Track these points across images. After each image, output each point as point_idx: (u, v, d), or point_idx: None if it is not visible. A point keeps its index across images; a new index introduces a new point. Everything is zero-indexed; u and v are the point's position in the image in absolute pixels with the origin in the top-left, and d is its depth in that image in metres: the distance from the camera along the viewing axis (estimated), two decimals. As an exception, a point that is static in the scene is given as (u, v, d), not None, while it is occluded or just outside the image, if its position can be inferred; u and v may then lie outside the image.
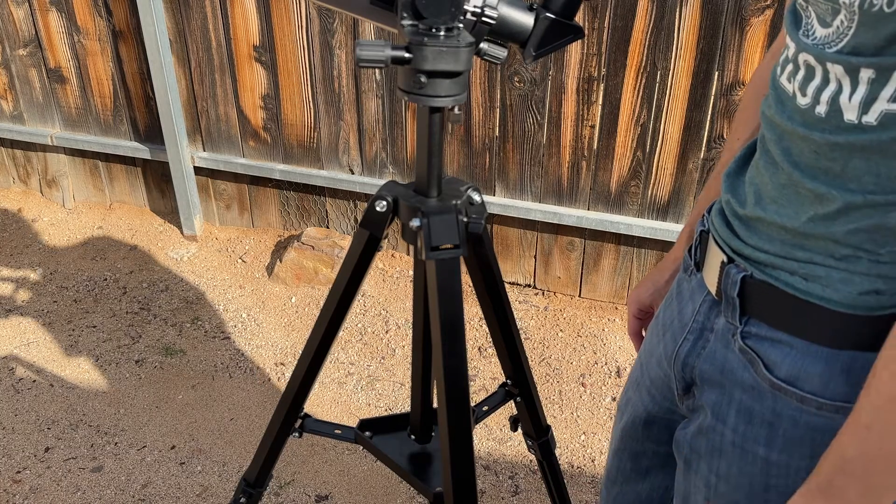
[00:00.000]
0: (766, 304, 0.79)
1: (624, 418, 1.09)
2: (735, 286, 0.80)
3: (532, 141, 2.46)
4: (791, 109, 0.75)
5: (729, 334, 0.83)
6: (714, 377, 0.85)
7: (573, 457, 2.07)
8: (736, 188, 0.87)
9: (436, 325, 1.06)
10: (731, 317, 0.82)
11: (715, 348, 0.85)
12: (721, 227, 0.85)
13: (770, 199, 0.79)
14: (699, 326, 0.88)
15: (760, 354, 0.79)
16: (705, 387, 0.87)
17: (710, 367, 0.86)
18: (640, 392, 1.04)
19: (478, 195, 1.14)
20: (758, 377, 0.80)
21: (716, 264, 0.85)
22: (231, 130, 2.80)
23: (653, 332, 1.02)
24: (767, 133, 0.79)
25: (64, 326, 2.52)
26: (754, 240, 0.80)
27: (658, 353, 0.98)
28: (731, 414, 0.83)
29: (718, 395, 0.85)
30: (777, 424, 0.79)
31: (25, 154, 3.16)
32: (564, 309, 2.62)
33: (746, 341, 0.81)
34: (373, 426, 1.36)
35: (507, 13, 1.00)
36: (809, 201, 0.74)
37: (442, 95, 0.98)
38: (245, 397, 2.26)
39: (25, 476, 1.98)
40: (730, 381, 0.83)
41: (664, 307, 1.01)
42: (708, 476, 0.87)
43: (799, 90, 0.74)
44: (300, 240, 2.78)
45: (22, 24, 2.86)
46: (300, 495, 1.95)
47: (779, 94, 0.78)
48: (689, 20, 2.16)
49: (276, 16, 2.54)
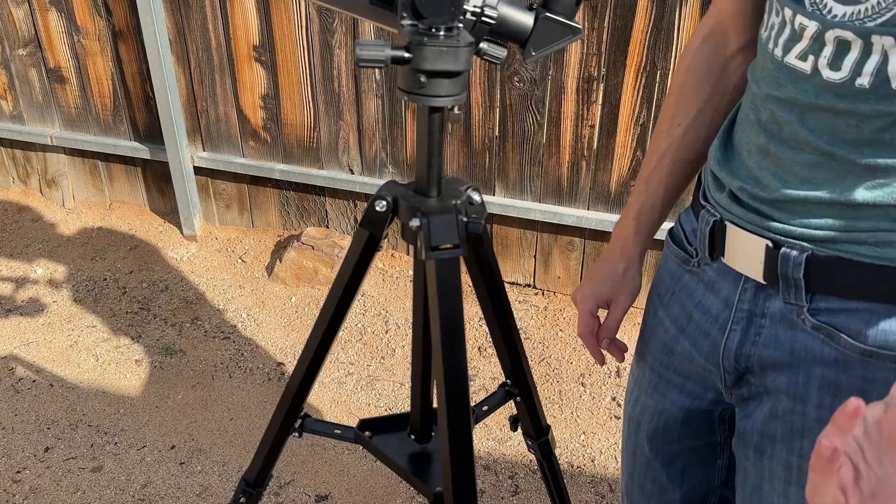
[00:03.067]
0: (834, 277, 0.78)
1: (644, 427, 1.05)
2: (800, 267, 0.80)
3: (532, 141, 2.46)
4: (816, 86, 0.76)
5: (793, 315, 0.82)
6: (781, 360, 0.84)
7: (573, 457, 2.07)
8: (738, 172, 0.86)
9: (436, 325, 1.06)
10: (795, 298, 0.81)
11: (775, 332, 0.84)
12: (746, 214, 0.84)
13: (801, 180, 0.79)
14: (745, 315, 0.87)
15: (839, 327, 0.79)
16: (769, 371, 0.86)
17: (774, 351, 0.85)
18: (665, 393, 1.01)
19: (477, 195, 1.14)
20: (843, 349, 0.79)
21: (755, 251, 0.83)
22: (231, 130, 2.80)
23: (660, 333, 1.00)
24: (782, 115, 0.79)
25: (64, 326, 2.52)
26: (801, 220, 0.80)
27: (682, 351, 0.96)
28: (813, 392, 0.82)
29: (791, 377, 0.84)
30: (870, 391, 0.79)
31: (25, 154, 3.16)
32: (564, 309, 2.62)
33: (818, 318, 0.80)
34: (372, 426, 1.36)
35: (506, 13, 1.00)
36: (858, 174, 0.75)
37: (442, 95, 0.98)
38: (245, 397, 2.26)
39: (25, 476, 1.98)
40: (805, 361, 0.82)
41: (663, 306, 0.99)
42: (788, 459, 0.86)
43: (828, 66, 0.75)
44: (300, 240, 2.78)
45: (22, 23, 2.86)
46: (300, 495, 1.95)
47: (789, 74, 0.78)
48: (689, 20, 2.16)
49: (275, 16, 2.54)
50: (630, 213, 1.06)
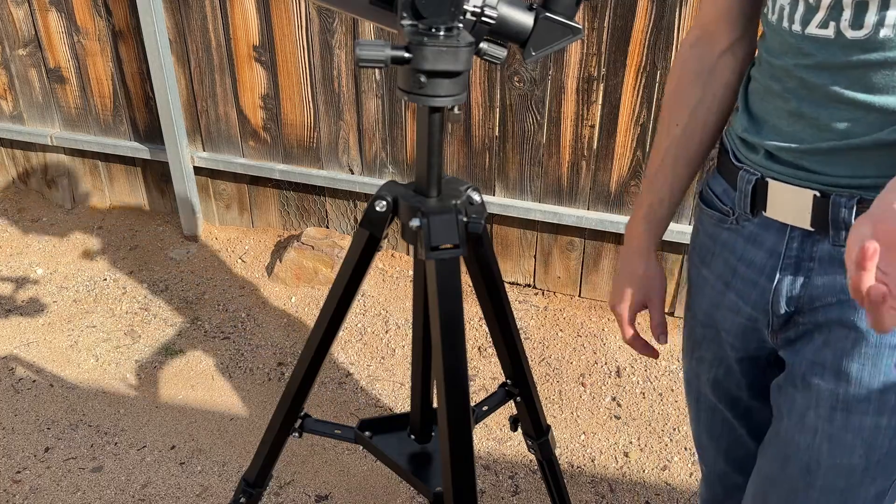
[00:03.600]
0: None
1: (705, 376, 1.13)
2: (852, 211, 0.86)
3: (532, 141, 2.46)
4: (843, 47, 0.83)
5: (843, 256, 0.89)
6: (832, 298, 0.91)
7: (573, 457, 2.07)
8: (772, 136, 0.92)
9: (436, 325, 1.06)
10: (844, 239, 0.88)
11: (824, 272, 0.91)
12: (787, 170, 0.91)
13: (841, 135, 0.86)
14: (793, 261, 0.94)
15: None
16: (820, 309, 0.92)
17: (824, 291, 0.92)
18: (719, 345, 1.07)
19: (477, 195, 1.14)
20: None
21: (802, 202, 0.90)
22: (231, 130, 2.80)
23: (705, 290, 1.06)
24: (814, 79, 0.86)
25: (64, 326, 2.52)
26: (844, 170, 0.87)
27: (729, 304, 1.02)
28: (862, 319, 0.89)
29: (841, 310, 0.90)
30: None
31: (25, 154, 3.16)
32: (564, 309, 2.62)
33: None
34: (373, 426, 1.36)
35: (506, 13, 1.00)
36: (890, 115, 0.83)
37: (442, 95, 0.98)
38: (245, 397, 2.26)
39: (25, 476, 1.99)
40: None
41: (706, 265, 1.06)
42: (836, 384, 0.91)
43: (850, 27, 0.82)
44: (300, 240, 2.78)
45: (22, 24, 2.86)
46: (300, 495, 1.95)
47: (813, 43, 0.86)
48: (689, 20, 2.16)
49: (275, 16, 2.54)
50: (639, 214, 1.12)
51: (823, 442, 0.94)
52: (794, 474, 0.97)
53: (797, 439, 0.96)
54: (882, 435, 0.91)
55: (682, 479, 2.01)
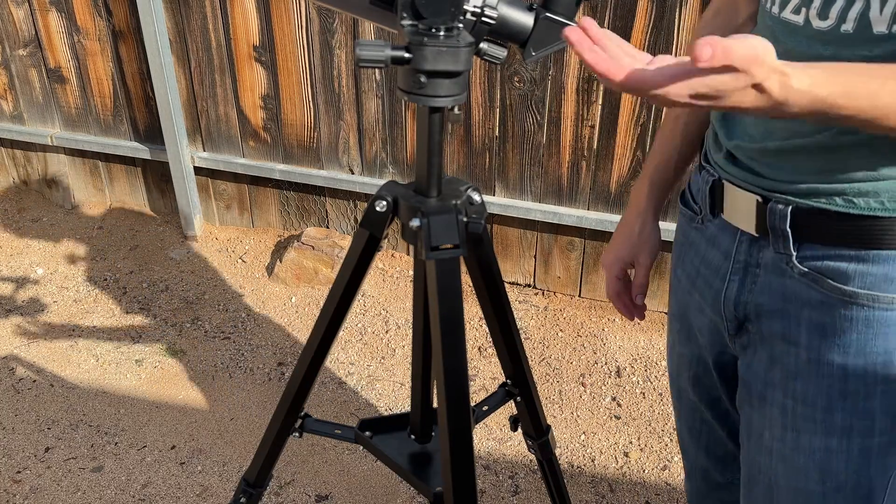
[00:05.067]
0: (818, 227, 0.84)
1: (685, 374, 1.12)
2: (785, 219, 0.85)
3: (532, 141, 2.46)
4: (807, 37, 0.80)
5: (783, 263, 0.88)
6: (775, 306, 0.90)
7: (573, 457, 2.07)
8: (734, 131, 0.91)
9: (436, 325, 1.06)
10: (784, 247, 0.87)
11: (768, 280, 0.90)
12: (739, 172, 0.90)
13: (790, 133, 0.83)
14: (741, 266, 0.93)
15: (824, 272, 0.85)
16: (763, 319, 0.92)
17: (769, 298, 0.90)
18: (696, 342, 1.07)
19: (478, 195, 1.14)
20: (827, 292, 0.85)
21: (747, 207, 0.89)
22: (231, 130, 2.80)
23: (678, 289, 1.07)
24: None
25: (64, 326, 2.52)
26: (786, 175, 0.85)
27: (694, 304, 1.03)
28: (803, 333, 0.88)
29: (784, 322, 0.89)
30: (850, 330, 0.84)
31: (25, 154, 3.16)
32: (564, 309, 2.62)
33: (805, 264, 0.86)
34: (373, 426, 1.36)
35: (506, 13, 1.00)
36: None
37: (442, 95, 0.98)
38: (245, 397, 2.26)
39: (25, 476, 1.99)
40: (795, 305, 0.88)
41: (680, 263, 1.06)
42: (784, 402, 0.90)
43: (817, 16, 0.79)
44: (300, 240, 2.78)
45: (22, 24, 2.86)
46: (300, 495, 1.95)
47: (784, 27, 0.83)
48: (689, 20, 2.16)
49: (275, 16, 2.54)
50: (645, 174, 1.12)
51: (779, 463, 0.92)
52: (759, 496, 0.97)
53: (758, 460, 0.95)
54: (835, 459, 0.88)
55: (683, 479, 2.01)
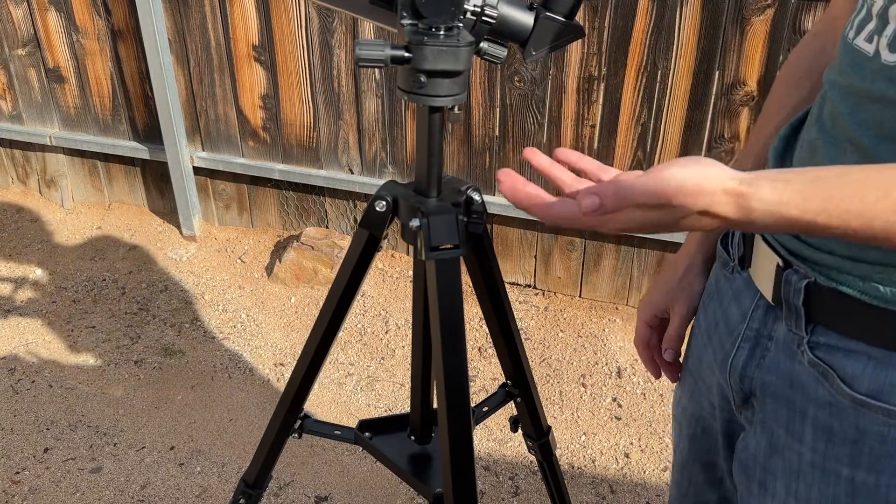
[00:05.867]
0: (835, 311, 0.71)
1: (686, 430, 1.01)
2: (799, 294, 0.73)
3: (532, 140, 2.46)
4: (873, 71, 0.67)
5: (794, 345, 0.76)
6: (781, 391, 0.78)
7: (573, 458, 2.07)
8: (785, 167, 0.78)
9: (436, 325, 1.06)
10: (796, 326, 0.75)
11: (778, 359, 0.78)
12: None
13: None
14: (754, 334, 0.81)
15: (835, 367, 0.72)
16: (768, 400, 0.80)
17: (776, 378, 0.78)
18: (700, 401, 0.96)
19: (478, 195, 1.14)
20: (835, 393, 0.72)
21: (769, 267, 0.77)
22: (230, 130, 2.79)
23: (696, 337, 0.95)
24: (839, 106, 0.71)
25: (63, 327, 2.52)
26: (815, 240, 0.72)
27: (707, 360, 0.91)
28: (808, 432, 0.76)
29: (789, 412, 0.77)
30: (862, 442, 0.72)
31: (24, 154, 3.16)
32: (565, 309, 2.61)
33: (816, 353, 0.73)
34: (372, 427, 1.36)
35: (507, 12, 0.99)
36: None
37: (442, 95, 0.98)
38: (244, 398, 2.25)
39: (24, 477, 1.98)
40: (801, 397, 0.76)
41: (703, 308, 0.94)
42: (786, 499, 0.80)
43: (887, 46, 0.66)
44: (299, 240, 2.77)
45: (21, 23, 2.85)
46: (300, 496, 1.94)
47: (853, 57, 0.71)
48: (690, 20, 2.15)
49: (275, 15, 2.54)
50: None
51: None
52: None
53: None
54: None
55: (683, 479, 2.01)
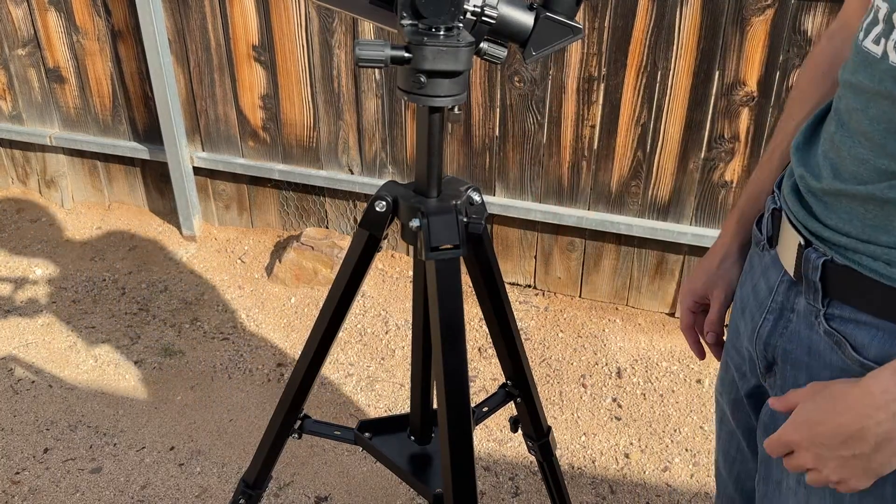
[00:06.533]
0: (849, 287, 0.79)
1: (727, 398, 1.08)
2: (816, 271, 0.81)
3: (532, 141, 2.46)
4: (881, 72, 0.74)
5: (812, 316, 0.84)
6: (800, 358, 0.86)
7: (574, 458, 2.07)
8: (808, 161, 0.86)
9: (436, 325, 1.06)
10: (814, 299, 0.83)
11: (798, 328, 0.86)
12: (795, 205, 0.85)
13: (849, 175, 0.78)
14: (779, 306, 0.89)
15: (847, 336, 0.80)
16: (789, 367, 0.88)
17: (796, 347, 0.86)
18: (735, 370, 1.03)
19: (478, 195, 1.14)
20: (846, 359, 0.80)
21: (792, 245, 0.85)
22: (230, 130, 2.79)
23: (735, 313, 1.02)
24: (853, 102, 0.78)
25: (63, 327, 2.52)
26: (833, 220, 0.80)
27: (743, 331, 0.98)
28: None
29: (808, 377, 0.85)
30: None
31: (24, 154, 3.16)
32: (565, 309, 2.61)
33: (831, 323, 0.81)
34: (372, 427, 1.36)
35: (506, 13, 0.99)
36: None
37: (442, 95, 0.98)
38: (244, 398, 2.25)
39: (24, 477, 1.98)
40: (817, 363, 0.84)
41: (741, 287, 1.01)
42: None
43: (894, 49, 0.73)
44: (299, 240, 2.77)
45: (21, 23, 2.85)
46: (300, 496, 1.94)
47: (863, 58, 0.77)
48: (690, 20, 2.15)
49: (275, 15, 2.54)
50: (737, 205, 1.07)
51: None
52: None
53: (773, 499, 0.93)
54: None
55: (683, 480, 2.00)
